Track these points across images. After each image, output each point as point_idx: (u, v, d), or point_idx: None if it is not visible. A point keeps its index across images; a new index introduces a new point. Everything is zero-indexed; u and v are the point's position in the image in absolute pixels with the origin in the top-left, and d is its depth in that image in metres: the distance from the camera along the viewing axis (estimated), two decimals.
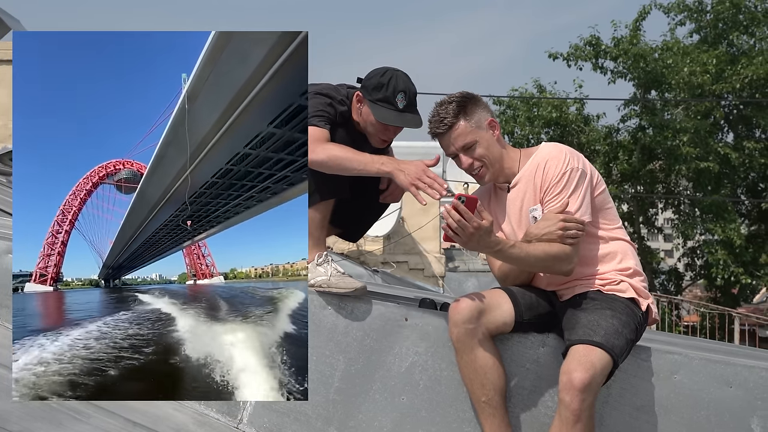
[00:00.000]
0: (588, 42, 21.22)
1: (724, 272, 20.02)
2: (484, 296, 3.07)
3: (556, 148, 3.17)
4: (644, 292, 3.15)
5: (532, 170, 3.17)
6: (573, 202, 3.07)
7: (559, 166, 3.10)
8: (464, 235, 2.87)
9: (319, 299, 3.40)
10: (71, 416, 2.79)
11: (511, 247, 3.00)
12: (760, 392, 3.03)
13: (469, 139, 3.16)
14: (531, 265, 3.10)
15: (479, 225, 2.86)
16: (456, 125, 3.16)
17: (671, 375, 3.10)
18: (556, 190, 3.08)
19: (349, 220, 3.68)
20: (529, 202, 3.17)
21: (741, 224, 21.38)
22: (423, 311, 3.38)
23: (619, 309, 3.00)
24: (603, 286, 3.12)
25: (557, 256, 3.04)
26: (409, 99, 3.41)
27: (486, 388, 3.02)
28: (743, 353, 4.00)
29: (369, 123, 3.45)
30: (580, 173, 3.09)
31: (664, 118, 20.97)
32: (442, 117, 3.17)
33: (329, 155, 3.27)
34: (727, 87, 20.66)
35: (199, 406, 3.36)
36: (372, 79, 3.44)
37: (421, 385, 3.24)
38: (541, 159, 3.16)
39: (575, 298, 3.13)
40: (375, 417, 3.25)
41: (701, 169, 20.19)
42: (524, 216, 3.19)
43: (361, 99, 3.46)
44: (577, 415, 2.72)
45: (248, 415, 3.32)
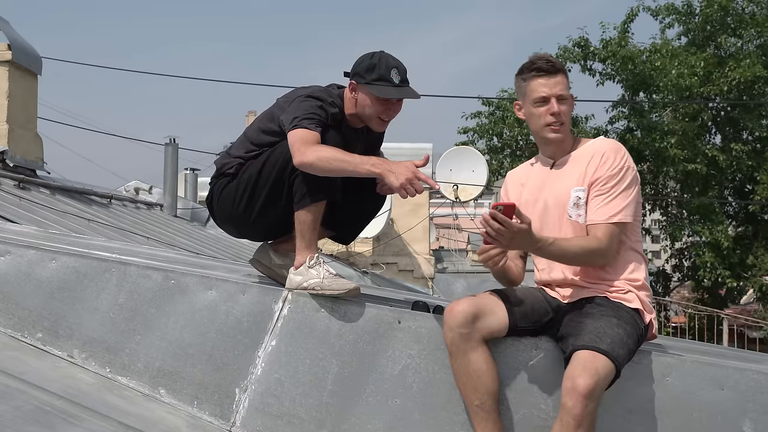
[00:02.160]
0: (576, 43, 21.28)
1: (711, 274, 20.10)
2: (479, 301, 3.08)
3: (616, 144, 3.23)
4: (649, 306, 3.17)
5: (586, 155, 3.21)
6: (623, 199, 3.12)
7: (618, 160, 3.15)
8: (505, 240, 2.90)
9: (312, 302, 3.41)
10: (63, 419, 2.77)
11: (551, 244, 3.03)
12: (752, 395, 3.04)
13: (565, 93, 3.22)
14: (569, 260, 3.15)
15: (519, 229, 2.88)
16: (561, 73, 3.23)
17: (663, 377, 3.11)
18: (611, 182, 3.13)
19: (341, 222, 3.69)
20: (573, 182, 3.19)
21: (728, 226, 21.47)
22: (416, 314, 3.38)
23: (625, 318, 3.01)
24: (610, 293, 3.14)
25: (594, 251, 3.09)
26: (402, 73, 3.46)
27: (479, 392, 3.02)
28: (734, 355, 4.01)
29: (366, 107, 3.48)
30: (634, 174, 3.17)
31: (652, 120, 21.06)
32: (551, 60, 3.25)
33: (318, 156, 3.27)
34: (714, 89, 20.74)
35: (191, 409, 3.36)
36: (362, 63, 3.49)
37: (414, 388, 3.25)
38: (599, 148, 3.21)
39: (581, 301, 3.14)
40: (368, 420, 3.25)
41: (689, 171, 20.27)
42: (560, 192, 3.21)
43: (355, 86, 3.49)
44: (579, 421, 2.73)
45: (241, 418, 3.32)
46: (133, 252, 4.56)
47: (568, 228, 3.18)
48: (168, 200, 12.03)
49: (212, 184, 3.70)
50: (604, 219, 3.11)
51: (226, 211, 3.66)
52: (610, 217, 3.11)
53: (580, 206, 3.16)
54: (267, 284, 3.62)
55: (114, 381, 3.44)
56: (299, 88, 3.62)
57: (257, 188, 3.49)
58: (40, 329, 3.56)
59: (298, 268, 3.47)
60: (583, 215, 3.16)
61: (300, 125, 3.36)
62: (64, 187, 8.91)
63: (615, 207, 3.12)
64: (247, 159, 3.57)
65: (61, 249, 3.88)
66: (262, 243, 3.83)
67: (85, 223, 7.21)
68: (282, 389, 3.31)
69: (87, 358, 3.50)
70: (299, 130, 3.35)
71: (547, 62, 3.22)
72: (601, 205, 3.13)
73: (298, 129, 3.36)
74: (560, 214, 3.20)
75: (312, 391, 3.30)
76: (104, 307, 3.55)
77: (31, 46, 9.07)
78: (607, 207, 3.12)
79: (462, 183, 16.41)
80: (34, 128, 9.13)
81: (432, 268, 16.38)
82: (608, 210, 3.11)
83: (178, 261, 4.57)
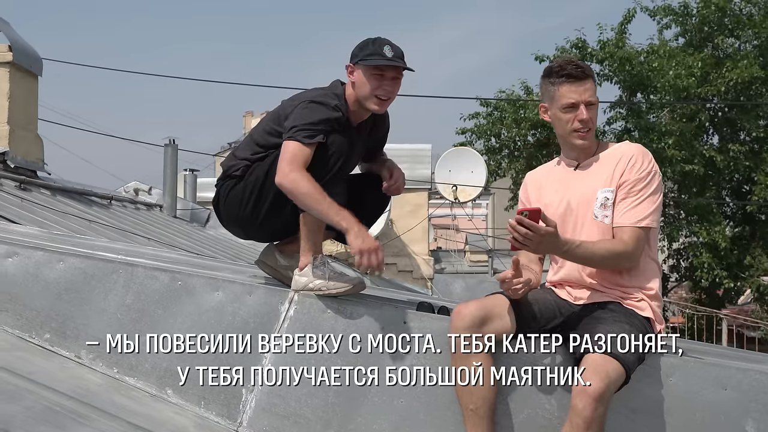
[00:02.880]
0: (574, 45, 21.25)
1: (709, 275, 20.12)
2: (487, 304, 3.10)
3: (643, 148, 3.25)
4: (660, 317, 3.19)
5: (613, 158, 3.22)
6: (650, 203, 3.14)
7: (646, 164, 3.17)
8: (533, 244, 2.91)
9: (318, 303, 3.43)
10: (73, 419, 2.80)
11: (577, 247, 3.04)
12: (755, 395, 3.07)
13: (594, 100, 3.22)
14: (596, 263, 3.15)
15: (546, 232, 2.89)
16: (590, 79, 3.23)
17: (666, 377, 3.13)
18: (638, 186, 3.14)
19: None
20: (600, 183, 3.20)
21: (726, 226, 21.48)
22: (421, 315, 3.41)
23: (637, 326, 3.03)
24: (623, 299, 3.16)
25: (621, 255, 3.10)
26: (395, 50, 3.50)
27: (475, 396, 3.04)
28: (736, 355, 4.05)
29: (363, 87, 3.51)
30: (660, 180, 3.19)
31: (649, 120, 21.05)
32: (581, 66, 3.24)
33: (296, 186, 3.33)
34: (712, 90, 20.74)
35: (198, 410, 3.38)
36: (356, 47, 3.55)
37: (419, 388, 3.27)
38: (627, 151, 3.22)
39: (593, 305, 3.16)
40: (374, 420, 3.28)
41: (686, 172, 20.27)
42: (585, 193, 3.22)
43: (352, 68, 3.53)
44: (588, 423, 2.75)
45: (248, 418, 3.34)
46: (139, 253, 4.59)
47: (593, 228, 3.18)
48: (167, 201, 12.04)
49: (218, 186, 3.72)
50: (632, 222, 3.12)
51: (233, 213, 3.68)
52: (638, 221, 3.12)
53: (607, 207, 3.17)
54: (273, 285, 3.65)
55: (121, 381, 3.47)
56: (305, 91, 3.65)
57: (264, 190, 3.52)
58: (48, 330, 3.58)
59: (302, 270, 3.50)
60: (610, 216, 3.16)
61: (295, 137, 3.38)
62: (65, 188, 8.93)
63: (643, 211, 3.13)
64: (254, 161, 3.59)
65: (68, 250, 3.90)
66: (267, 244, 3.85)
67: (86, 224, 7.23)
68: (288, 389, 3.34)
69: (94, 359, 3.52)
70: (292, 144, 3.38)
71: (577, 68, 3.21)
72: (629, 208, 3.14)
73: (291, 142, 3.39)
74: (584, 214, 3.20)
75: (318, 391, 3.32)
76: (112, 308, 3.58)
77: (31, 48, 9.09)
78: (635, 210, 3.13)
79: (461, 184, 16.44)
80: (35, 129, 9.15)
81: (431, 269, 16.41)
82: (636, 213, 3.13)
83: (184, 262, 4.60)
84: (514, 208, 19.42)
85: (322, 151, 3.41)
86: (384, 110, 3.61)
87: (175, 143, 12.24)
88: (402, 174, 3.76)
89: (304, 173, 3.34)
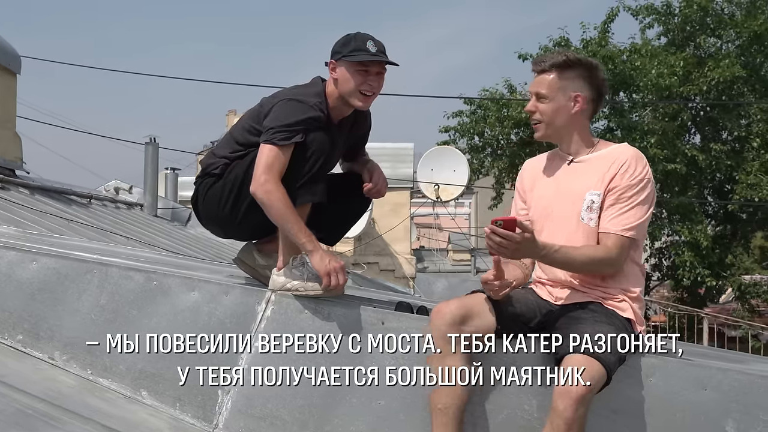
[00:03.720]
0: (557, 43, 21.27)
1: (691, 273, 20.20)
2: (467, 302, 3.07)
3: (639, 153, 3.19)
4: (641, 318, 3.16)
5: (607, 160, 3.16)
6: (639, 211, 3.10)
7: (639, 171, 3.11)
8: (508, 252, 2.89)
9: (295, 303, 3.40)
10: (45, 422, 2.76)
11: (556, 252, 3.00)
12: (735, 395, 3.05)
13: (544, 92, 3.17)
14: (576, 268, 3.11)
15: (523, 239, 2.86)
16: (546, 73, 3.17)
17: (647, 378, 3.11)
18: (629, 193, 3.09)
19: (326, 223, 3.67)
20: (590, 185, 3.14)
21: (707, 225, 21.58)
22: (400, 315, 3.38)
23: (618, 326, 3.00)
24: (604, 299, 3.13)
25: (602, 261, 3.07)
26: (378, 45, 3.47)
27: (445, 397, 2.99)
28: (717, 355, 4.04)
29: (346, 83, 3.47)
30: (652, 188, 3.14)
31: (632, 119, 21.11)
32: (544, 59, 3.21)
33: (269, 198, 3.32)
34: (694, 89, 20.82)
35: (174, 411, 3.34)
36: (338, 43, 3.51)
37: (397, 389, 3.23)
38: (621, 155, 3.16)
39: (574, 305, 3.13)
40: (351, 421, 3.24)
41: (669, 171, 20.33)
42: (573, 192, 3.17)
43: (334, 65, 3.49)
44: (569, 424, 2.73)
45: (224, 419, 3.30)
46: (115, 253, 4.54)
47: (578, 229, 3.14)
48: (148, 200, 11.96)
49: (197, 184, 3.68)
50: (619, 230, 3.08)
51: (212, 211, 3.64)
52: (624, 230, 3.08)
53: (593, 210, 3.12)
54: (250, 285, 3.61)
55: (95, 383, 3.42)
56: (285, 89, 3.61)
57: (243, 189, 3.48)
58: (21, 331, 3.53)
59: (280, 269, 3.46)
60: (595, 219, 3.12)
61: (272, 140, 3.35)
62: (44, 187, 8.84)
63: (630, 219, 3.08)
64: (233, 159, 3.55)
65: (42, 250, 3.85)
66: (246, 242, 3.82)
67: (65, 224, 7.16)
68: (265, 391, 3.30)
69: (68, 360, 3.47)
70: (267, 149, 3.36)
71: (537, 61, 3.22)
72: (617, 215, 3.09)
73: (267, 146, 3.36)
74: (571, 214, 3.15)
75: (295, 392, 3.28)
76: (85, 309, 3.53)
77: (9, 45, 8.99)
78: (623, 217, 3.08)
79: (443, 183, 16.43)
80: (13, 127, 9.05)
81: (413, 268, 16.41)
82: (623, 221, 3.08)
83: (160, 262, 4.55)
84: (497, 207, 19.45)
85: (302, 149, 3.37)
86: (368, 106, 3.58)
87: (156, 142, 12.17)
88: (383, 177, 3.72)
89: (278, 186, 3.32)
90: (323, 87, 3.54)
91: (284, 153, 3.35)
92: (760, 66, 21.46)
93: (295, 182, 3.36)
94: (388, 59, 3.48)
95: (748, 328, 18.70)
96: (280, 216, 3.32)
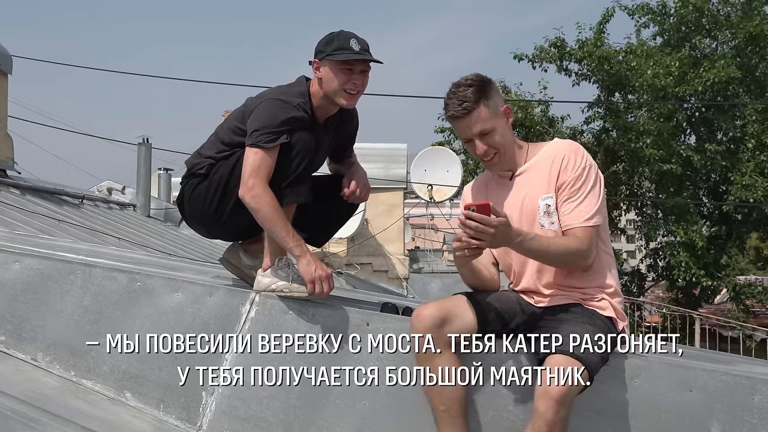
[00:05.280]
0: (553, 44, 21.30)
1: (686, 274, 20.22)
2: (447, 304, 3.05)
3: (573, 145, 3.17)
4: (622, 313, 3.15)
5: (546, 161, 3.14)
6: (593, 199, 3.07)
7: (578, 161, 3.09)
8: (487, 237, 2.83)
9: (280, 304, 3.38)
10: (24, 424, 2.73)
11: (531, 239, 2.96)
12: (720, 396, 3.04)
13: (487, 126, 3.10)
14: (549, 259, 3.07)
15: (499, 222, 2.82)
16: (476, 110, 3.07)
17: (631, 379, 3.10)
18: (577, 184, 3.07)
19: (313, 224, 3.65)
20: (539, 191, 3.12)
21: (702, 226, 21.62)
22: (384, 316, 3.36)
23: (599, 326, 2.99)
24: (584, 300, 3.12)
25: (576, 252, 3.03)
26: (362, 43, 3.45)
27: (444, 397, 3.00)
28: (704, 356, 4.02)
29: (331, 82, 3.45)
30: (597, 172, 3.11)
31: (627, 120, 21.13)
32: (462, 100, 3.07)
33: (258, 203, 3.30)
34: (689, 90, 20.86)
35: (158, 413, 3.32)
36: (321, 42, 3.49)
37: (382, 390, 3.22)
38: (557, 152, 3.14)
39: (554, 308, 3.11)
40: (336, 422, 3.23)
41: (664, 171, 20.37)
42: (527, 203, 3.14)
43: (318, 64, 3.47)
44: (551, 426, 2.72)
45: (208, 421, 3.28)
46: (100, 253, 4.51)
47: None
48: (141, 200, 11.92)
49: (183, 184, 3.67)
50: (580, 222, 3.06)
51: (197, 211, 3.63)
52: (585, 220, 3.06)
53: (551, 213, 3.10)
54: (234, 286, 3.59)
55: (78, 384, 3.39)
56: (269, 89, 3.59)
57: (228, 189, 3.46)
58: (3, 332, 3.50)
59: (266, 270, 3.44)
60: (556, 222, 3.10)
61: (257, 143, 3.33)
62: (35, 188, 8.80)
63: (587, 208, 3.06)
64: (219, 159, 3.54)
65: (26, 251, 3.82)
66: (232, 242, 3.80)
67: (56, 224, 7.12)
68: (249, 392, 3.28)
69: (51, 362, 3.45)
70: (253, 153, 3.33)
71: (458, 106, 3.08)
72: (573, 208, 3.07)
73: (253, 150, 3.34)
74: (530, 225, 3.12)
75: (279, 393, 3.26)
76: (69, 310, 3.50)
77: (0, 45, 8.97)
78: (579, 209, 3.07)
79: (436, 183, 16.40)
80: (5, 127, 9.02)
81: (406, 269, 16.36)
82: (581, 212, 3.06)
83: (146, 262, 4.52)
84: None
85: (287, 149, 3.35)
86: (353, 104, 3.56)
87: (149, 142, 12.14)
88: (364, 182, 3.67)
89: (266, 190, 3.30)
90: (308, 86, 3.52)
91: (270, 155, 3.33)
92: (755, 67, 21.51)
93: (281, 182, 3.34)
94: (371, 57, 3.47)
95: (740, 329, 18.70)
96: (268, 220, 3.30)
